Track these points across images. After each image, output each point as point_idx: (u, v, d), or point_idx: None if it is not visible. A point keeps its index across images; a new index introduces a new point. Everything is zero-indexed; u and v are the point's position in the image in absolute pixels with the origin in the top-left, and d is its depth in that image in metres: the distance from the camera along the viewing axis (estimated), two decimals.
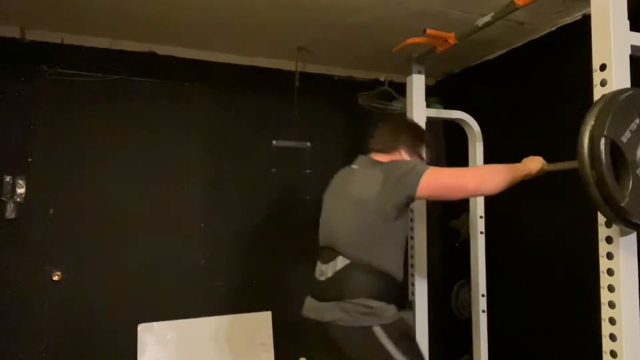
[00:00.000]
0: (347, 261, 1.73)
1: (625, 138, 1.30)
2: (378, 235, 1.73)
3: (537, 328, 2.65)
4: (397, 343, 1.65)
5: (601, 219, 1.48)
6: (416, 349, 1.76)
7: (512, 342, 2.79)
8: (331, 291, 1.75)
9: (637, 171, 1.31)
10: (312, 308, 1.84)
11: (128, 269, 2.78)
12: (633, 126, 1.32)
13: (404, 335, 1.72)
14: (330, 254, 1.78)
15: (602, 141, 1.26)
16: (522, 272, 2.76)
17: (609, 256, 1.45)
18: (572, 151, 1.49)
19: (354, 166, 1.95)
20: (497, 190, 1.69)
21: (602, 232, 1.48)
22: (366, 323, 1.66)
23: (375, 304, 1.68)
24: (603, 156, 1.25)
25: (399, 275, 1.80)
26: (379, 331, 1.65)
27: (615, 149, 1.28)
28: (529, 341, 2.71)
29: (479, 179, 1.67)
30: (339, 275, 1.74)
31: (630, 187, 1.29)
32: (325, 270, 1.79)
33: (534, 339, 2.68)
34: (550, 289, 2.55)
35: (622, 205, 1.27)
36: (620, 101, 1.30)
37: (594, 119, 1.29)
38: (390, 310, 1.70)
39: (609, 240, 1.45)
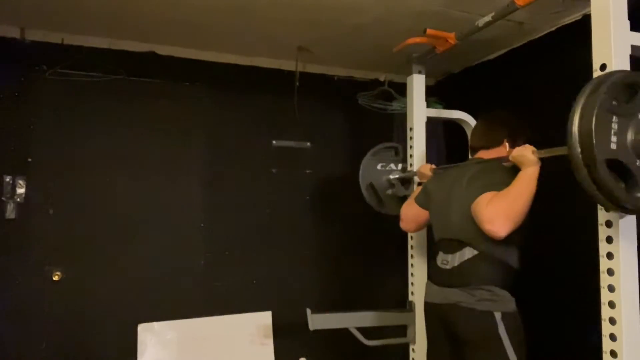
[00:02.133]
0: (475, 252, 1.83)
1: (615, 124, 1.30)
2: None
3: (537, 328, 2.64)
4: (511, 335, 1.76)
5: (601, 219, 1.48)
6: (525, 348, 1.84)
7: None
8: (458, 278, 1.85)
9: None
10: (435, 293, 1.94)
11: (128, 269, 2.78)
12: (621, 110, 1.32)
13: (518, 329, 1.82)
14: (456, 245, 1.88)
15: (593, 121, 1.25)
16: (522, 271, 2.76)
17: (609, 256, 1.45)
18: None
19: (460, 167, 2.06)
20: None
21: (603, 232, 1.48)
22: (489, 308, 1.76)
23: (500, 291, 1.80)
24: (594, 140, 1.25)
25: (518, 267, 1.90)
26: (498, 318, 1.75)
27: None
28: (529, 341, 2.71)
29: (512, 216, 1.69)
30: (466, 264, 1.84)
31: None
32: (451, 260, 1.89)
33: (534, 339, 2.67)
34: (551, 289, 2.55)
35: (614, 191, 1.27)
36: (610, 84, 1.29)
37: (582, 102, 1.30)
38: (512, 302, 1.82)
39: (609, 240, 1.45)
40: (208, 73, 3.03)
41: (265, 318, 2.95)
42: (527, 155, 1.72)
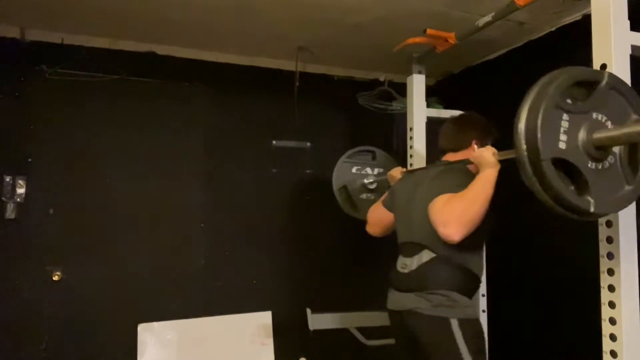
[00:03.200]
0: (433, 255, 1.78)
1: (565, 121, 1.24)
2: None
3: (537, 328, 2.65)
4: (468, 341, 1.69)
5: (602, 219, 1.48)
6: (484, 353, 1.79)
7: (512, 342, 2.79)
8: (415, 282, 1.81)
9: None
10: (394, 299, 1.91)
11: (128, 269, 2.78)
12: (574, 108, 1.26)
13: (477, 336, 1.75)
14: (415, 248, 1.84)
15: (539, 122, 1.19)
16: (522, 272, 2.76)
17: (610, 256, 1.45)
18: None
19: (426, 169, 2.04)
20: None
21: (603, 232, 1.48)
22: (445, 314, 1.71)
23: (457, 296, 1.74)
24: (539, 137, 1.19)
25: (480, 272, 1.85)
26: (455, 325, 1.70)
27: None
28: (529, 341, 2.71)
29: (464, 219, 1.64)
30: (423, 268, 1.80)
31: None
32: (410, 264, 1.85)
33: (534, 339, 2.68)
34: (551, 289, 2.55)
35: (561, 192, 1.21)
36: (561, 80, 1.25)
37: (531, 98, 1.25)
38: (470, 308, 1.76)
39: (609, 240, 1.45)
40: (208, 73, 3.03)
41: (265, 318, 2.95)
42: (485, 157, 1.70)
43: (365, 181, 2.71)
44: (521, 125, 1.23)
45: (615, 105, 1.28)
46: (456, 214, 1.61)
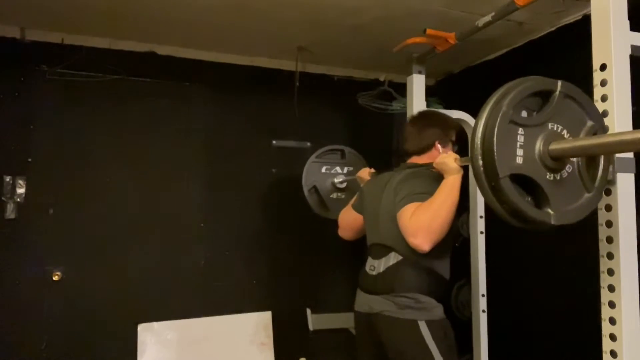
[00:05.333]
0: (400, 257, 1.80)
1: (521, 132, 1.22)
2: None
3: (537, 328, 2.65)
4: (438, 342, 1.70)
5: (602, 219, 1.48)
6: (455, 352, 1.79)
7: (512, 342, 2.79)
8: (382, 285, 1.82)
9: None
10: (362, 301, 1.92)
11: (128, 268, 2.78)
12: (529, 121, 1.24)
13: (446, 335, 1.76)
14: (383, 250, 1.85)
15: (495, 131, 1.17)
16: (522, 272, 2.76)
17: (609, 256, 1.45)
18: None
19: (394, 171, 2.01)
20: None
21: (603, 232, 1.48)
22: (413, 316, 1.72)
23: (424, 298, 1.75)
24: (496, 155, 1.16)
25: (446, 275, 1.86)
26: (423, 326, 1.71)
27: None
28: (529, 341, 2.71)
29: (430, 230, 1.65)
30: (390, 270, 1.81)
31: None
32: (377, 266, 1.86)
33: (533, 339, 2.68)
34: (551, 289, 2.55)
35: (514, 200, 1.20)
36: (514, 95, 1.23)
37: (485, 114, 1.23)
38: (437, 308, 1.77)
39: (609, 240, 1.45)
40: (208, 73, 3.03)
41: (265, 318, 2.95)
42: (448, 164, 1.71)
43: (335, 180, 2.68)
44: (477, 141, 1.22)
45: (571, 114, 1.26)
46: (424, 224, 1.63)
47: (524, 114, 1.22)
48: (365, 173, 2.31)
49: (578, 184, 1.27)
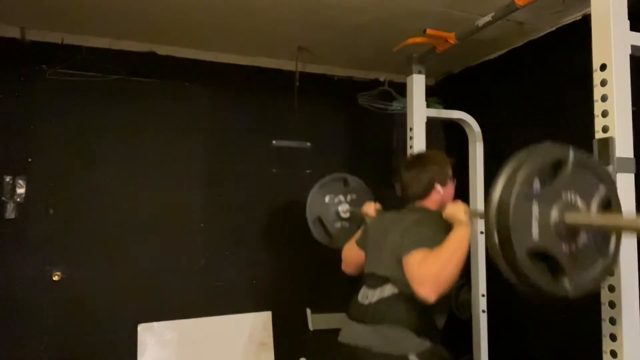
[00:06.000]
0: (396, 290, 1.76)
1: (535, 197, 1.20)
2: None
3: (537, 328, 2.65)
4: None
5: None
6: None
7: (512, 342, 2.79)
8: (373, 315, 1.78)
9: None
10: (349, 331, 1.86)
11: (128, 269, 2.78)
12: (544, 192, 1.21)
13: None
14: (379, 280, 1.82)
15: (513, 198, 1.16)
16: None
17: None
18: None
19: (400, 212, 2.01)
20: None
21: None
22: (403, 351, 1.67)
23: (412, 335, 1.70)
24: (512, 234, 1.15)
25: (439, 323, 1.81)
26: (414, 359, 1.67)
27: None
28: (529, 341, 2.71)
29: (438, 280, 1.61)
30: (384, 301, 1.78)
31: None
32: (371, 296, 1.83)
33: (534, 339, 2.68)
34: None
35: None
36: (529, 170, 1.20)
37: (499, 190, 1.20)
38: (427, 342, 1.71)
39: None
40: (208, 73, 3.03)
41: (265, 318, 2.95)
42: (457, 217, 1.69)
43: (340, 209, 2.64)
44: (492, 217, 1.19)
45: (583, 179, 1.24)
46: (432, 274, 1.59)
47: (537, 183, 1.20)
48: (371, 208, 2.27)
49: (593, 250, 1.25)
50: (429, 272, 1.60)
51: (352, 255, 2.15)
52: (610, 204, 1.26)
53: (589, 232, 1.23)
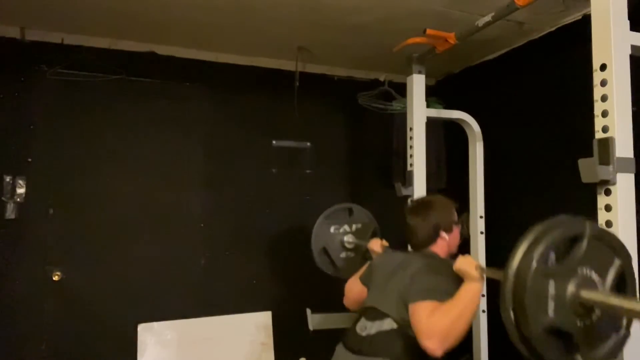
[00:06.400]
0: (395, 326, 1.76)
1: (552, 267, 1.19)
2: None
3: None
4: None
5: (601, 219, 1.48)
6: None
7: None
8: (369, 347, 1.78)
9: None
10: (343, 357, 1.86)
11: (128, 269, 2.78)
12: (560, 268, 1.20)
13: None
14: (379, 314, 1.82)
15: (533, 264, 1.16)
16: None
17: None
18: (571, 150, 1.49)
19: (408, 254, 2.02)
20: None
21: None
22: None
23: None
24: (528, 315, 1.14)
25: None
26: None
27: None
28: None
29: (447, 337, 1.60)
30: (381, 335, 1.78)
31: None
32: (369, 328, 1.83)
33: None
34: None
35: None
36: (547, 245, 1.19)
37: (515, 267, 1.20)
38: None
39: None
40: (208, 73, 3.03)
41: (265, 318, 2.95)
42: (469, 272, 1.66)
43: (345, 239, 2.63)
44: (507, 293, 1.19)
45: (599, 254, 1.23)
46: (441, 329, 1.58)
47: (553, 257, 1.19)
48: (377, 245, 2.27)
49: (606, 325, 1.23)
50: (438, 326, 1.58)
51: (355, 291, 2.14)
52: (624, 277, 1.25)
53: (602, 309, 1.21)
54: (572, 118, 2.30)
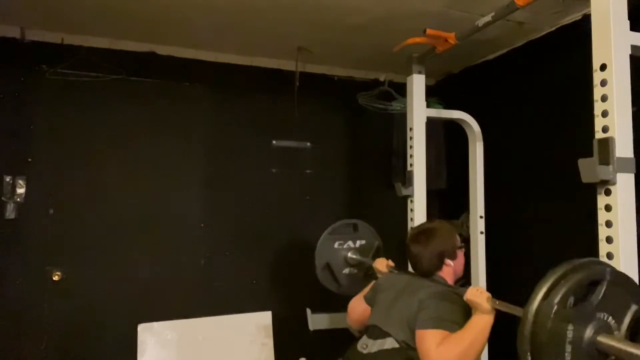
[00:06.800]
0: (396, 345, 1.76)
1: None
2: None
3: None
4: None
5: (601, 219, 1.48)
6: None
7: (512, 342, 2.79)
8: None
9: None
10: None
11: (128, 268, 2.78)
12: (578, 313, 1.19)
13: None
14: (381, 333, 1.83)
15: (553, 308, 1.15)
16: (522, 272, 2.76)
17: (609, 256, 1.45)
18: (571, 150, 1.49)
19: (414, 276, 2.01)
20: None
21: (603, 232, 1.48)
22: None
23: None
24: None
25: None
26: None
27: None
28: None
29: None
30: (382, 354, 1.78)
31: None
32: (371, 346, 1.83)
33: None
34: None
35: None
36: (567, 290, 1.19)
37: (533, 311, 1.20)
38: None
39: (609, 240, 1.45)
40: (208, 73, 3.03)
41: (265, 318, 2.95)
42: (481, 304, 1.65)
43: (349, 255, 2.61)
44: (526, 335, 1.19)
45: (616, 299, 1.24)
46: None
47: (571, 301, 1.19)
48: (383, 265, 2.25)
49: None
50: (448, 356, 1.58)
51: (358, 310, 2.13)
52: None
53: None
54: (572, 118, 2.30)
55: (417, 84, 2.62)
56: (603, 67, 1.46)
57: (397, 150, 3.26)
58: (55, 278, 2.65)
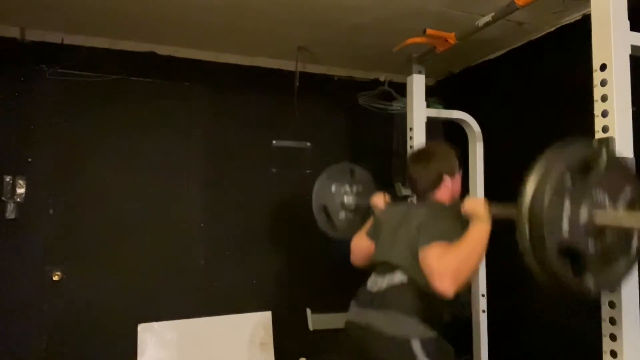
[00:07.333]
0: (405, 279, 1.77)
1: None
2: None
3: (537, 328, 2.65)
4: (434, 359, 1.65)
5: None
6: None
7: (512, 342, 2.79)
8: (380, 301, 1.79)
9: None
10: (355, 313, 1.88)
11: (128, 269, 2.78)
12: (575, 191, 1.23)
13: (443, 354, 1.71)
14: (389, 268, 1.83)
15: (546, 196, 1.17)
16: (522, 271, 2.76)
17: None
18: None
19: (412, 204, 2.03)
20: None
21: None
22: (406, 335, 1.67)
23: (418, 321, 1.70)
24: (545, 232, 1.16)
25: (445, 315, 1.80)
26: (417, 346, 1.65)
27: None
28: (529, 341, 2.71)
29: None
30: (392, 289, 1.78)
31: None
32: (380, 283, 1.84)
33: (534, 339, 2.68)
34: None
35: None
36: (565, 166, 1.23)
37: (533, 186, 1.21)
38: (432, 331, 1.71)
39: None
40: (208, 73, 3.03)
41: (265, 318, 2.95)
42: (478, 212, 1.67)
43: (345, 200, 2.60)
44: (524, 212, 1.20)
45: (611, 180, 1.26)
46: (453, 268, 1.59)
47: (569, 179, 1.21)
48: (381, 200, 2.25)
49: (616, 249, 1.26)
50: (449, 266, 1.59)
51: (361, 246, 2.13)
52: (635, 204, 1.27)
53: (614, 231, 1.24)
54: (572, 118, 2.30)
55: (417, 84, 2.62)
56: (603, 67, 1.46)
57: (397, 150, 3.26)
58: (55, 278, 2.65)
